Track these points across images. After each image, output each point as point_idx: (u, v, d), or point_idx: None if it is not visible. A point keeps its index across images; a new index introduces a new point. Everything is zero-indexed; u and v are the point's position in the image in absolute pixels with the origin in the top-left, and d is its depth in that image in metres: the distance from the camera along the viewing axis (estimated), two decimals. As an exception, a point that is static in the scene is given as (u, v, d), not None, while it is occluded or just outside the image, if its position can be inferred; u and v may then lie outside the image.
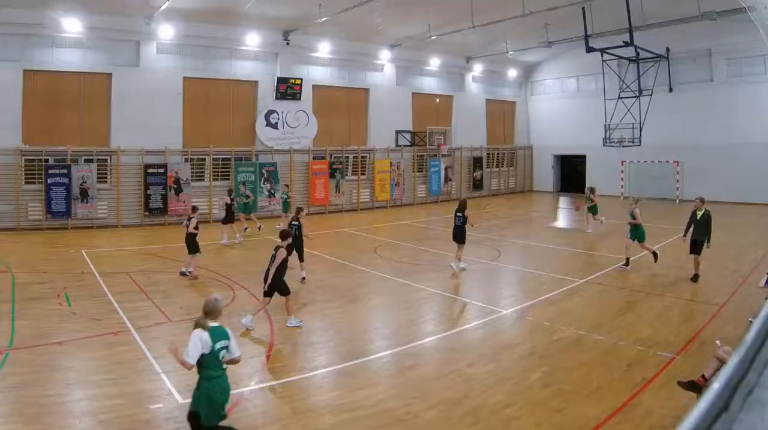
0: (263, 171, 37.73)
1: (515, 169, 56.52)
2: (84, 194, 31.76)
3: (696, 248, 19.78)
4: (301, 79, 39.66)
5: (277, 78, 38.76)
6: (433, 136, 46.94)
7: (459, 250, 21.64)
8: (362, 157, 43.52)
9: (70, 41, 32.15)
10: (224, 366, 8.47)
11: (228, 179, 36.69)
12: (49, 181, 30.92)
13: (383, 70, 45.38)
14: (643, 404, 10.49)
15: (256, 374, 12.18)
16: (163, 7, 30.84)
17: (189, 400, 9.65)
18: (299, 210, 20.82)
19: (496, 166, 54.46)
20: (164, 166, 34.12)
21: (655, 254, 21.70)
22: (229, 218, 28.12)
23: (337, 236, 31.51)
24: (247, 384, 11.50)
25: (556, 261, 24.20)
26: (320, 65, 41.87)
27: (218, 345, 8.26)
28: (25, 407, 10.10)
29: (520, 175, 57.09)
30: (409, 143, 46.66)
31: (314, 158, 40.61)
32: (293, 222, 20.26)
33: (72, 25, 31.28)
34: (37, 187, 31.07)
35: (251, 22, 35.90)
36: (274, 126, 38.79)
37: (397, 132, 45.87)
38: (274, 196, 37.93)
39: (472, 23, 35.66)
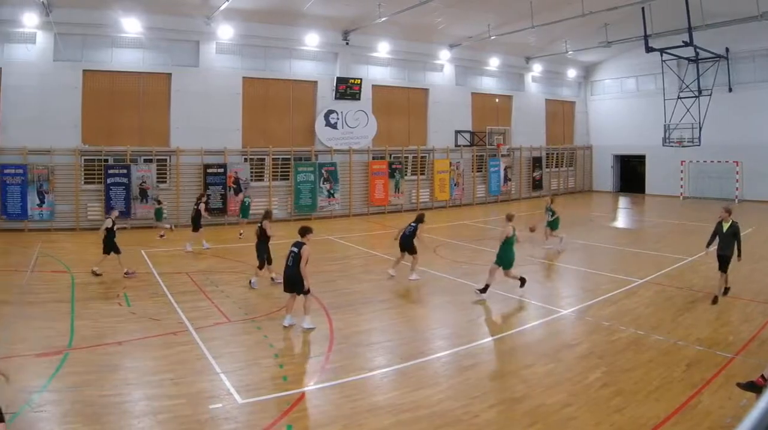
0: (323, 171, 36.53)
1: (575, 169, 54.68)
2: (143, 194, 31.04)
3: (724, 263, 17.18)
4: (361, 79, 38.54)
5: (337, 78, 37.65)
6: (492, 136, 45.38)
7: (411, 259, 20.20)
8: (421, 157, 42.17)
9: (130, 41, 31.43)
10: None
11: (288, 179, 35.84)
12: (108, 181, 30.31)
13: (443, 70, 43.86)
14: (702, 404, 10.24)
15: (316, 374, 11.92)
16: (222, 7, 30.16)
17: (249, 400, 10.26)
18: (267, 215, 19.60)
19: (556, 167, 52.68)
20: (224, 166, 33.29)
21: (522, 280, 18.19)
22: (197, 226, 25.33)
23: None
24: (307, 384, 11.30)
25: (615, 261, 23.63)
26: (380, 65, 40.59)
27: None
28: (85, 407, 9.87)
29: (580, 175, 55.19)
30: (468, 143, 45.13)
31: (374, 158, 39.47)
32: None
33: (131, 25, 30.62)
34: (96, 188, 30.60)
35: (311, 22, 34.83)
36: (334, 126, 37.73)
37: (457, 132, 44.47)
38: (334, 196, 37.28)
39: (532, 23, 34.64)
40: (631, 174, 54.34)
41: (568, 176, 54.07)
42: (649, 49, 37.88)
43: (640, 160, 52.09)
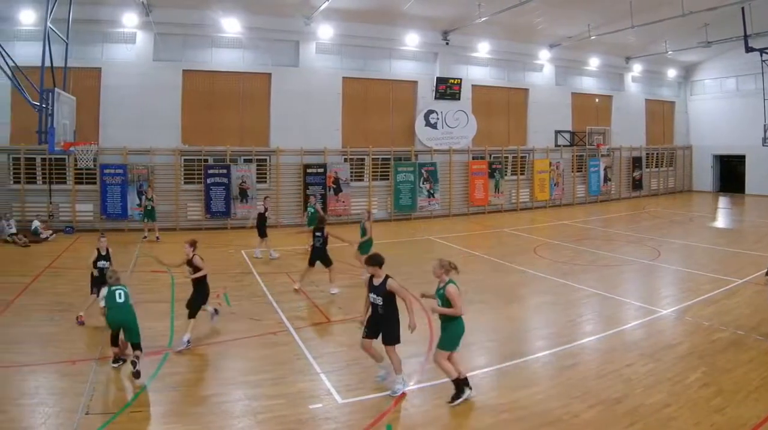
0: (422, 171, 34.39)
1: (674, 169, 51.32)
2: (243, 194, 29.61)
3: None
4: (461, 79, 36.15)
5: (437, 78, 35.43)
6: (592, 136, 42.41)
7: (328, 271, 18.03)
8: (521, 157, 39.67)
9: (229, 41, 30.17)
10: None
11: (387, 179, 33.94)
12: (208, 181, 28.99)
13: (542, 70, 41.10)
14: (806, 405, 9.16)
15: (415, 374, 11.56)
16: (322, 7, 28.39)
17: (349, 400, 10.22)
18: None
19: (656, 166, 49.45)
20: (323, 166, 31.55)
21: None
22: (263, 231, 23.33)
23: (496, 236, 29.37)
24: (407, 384, 10.88)
25: (715, 261, 22.68)
26: (479, 65, 38.05)
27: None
28: (185, 407, 9.84)
29: (680, 175, 51.69)
30: (568, 143, 42.22)
31: (473, 158, 37.09)
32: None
33: (231, 25, 29.40)
34: (196, 187, 29.37)
35: (410, 22, 32.75)
36: (434, 126, 35.59)
37: (557, 132, 41.71)
38: (434, 196, 35.17)
39: (632, 23, 32.12)
40: (731, 174, 50.89)
41: (668, 176, 50.11)
42: (748, 49, 35.99)
43: (740, 160, 48.63)
